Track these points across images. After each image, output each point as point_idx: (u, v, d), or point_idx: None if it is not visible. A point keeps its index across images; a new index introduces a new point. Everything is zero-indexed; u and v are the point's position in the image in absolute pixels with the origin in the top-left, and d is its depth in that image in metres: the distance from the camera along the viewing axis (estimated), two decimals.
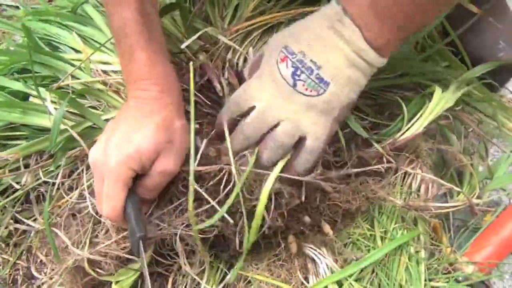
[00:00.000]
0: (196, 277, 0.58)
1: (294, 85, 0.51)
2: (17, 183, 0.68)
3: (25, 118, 0.66)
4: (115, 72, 0.65)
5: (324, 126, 0.53)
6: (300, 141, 0.53)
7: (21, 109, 0.65)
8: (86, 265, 0.56)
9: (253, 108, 0.53)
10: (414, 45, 0.74)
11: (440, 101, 0.64)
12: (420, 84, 0.71)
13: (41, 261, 0.69)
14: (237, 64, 0.66)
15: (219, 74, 0.62)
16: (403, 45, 0.70)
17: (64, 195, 0.63)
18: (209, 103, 0.61)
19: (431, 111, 0.63)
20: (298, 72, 0.51)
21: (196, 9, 0.69)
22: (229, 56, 0.66)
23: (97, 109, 0.65)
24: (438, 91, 0.65)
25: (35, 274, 0.68)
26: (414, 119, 0.64)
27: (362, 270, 0.60)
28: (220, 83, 0.61)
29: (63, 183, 0.65)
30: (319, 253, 0.59)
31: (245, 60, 0.65)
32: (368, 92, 0.69)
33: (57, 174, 0.65)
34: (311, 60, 0.50)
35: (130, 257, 0.56)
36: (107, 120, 0.63)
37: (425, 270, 0.62)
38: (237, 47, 0.64)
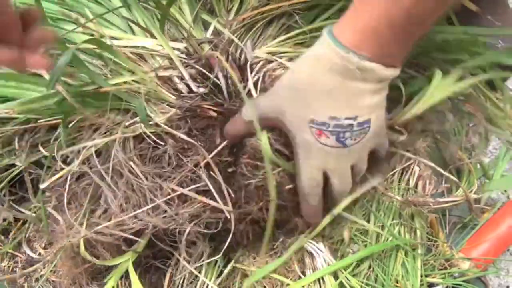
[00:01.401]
0: (194, 271, 0.58)
1: (345, 145, 0.49)
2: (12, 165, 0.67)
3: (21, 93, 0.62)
4: None
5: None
6: None
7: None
8: (82, 247, 0.55)
9: None
10: None
11: (440, 86, 0.58)
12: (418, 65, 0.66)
13: (39, 253, 0.70)
14: (239, 58, 0.65)
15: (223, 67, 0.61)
16: None
17: (64, 166, 0.60)
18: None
19: (431, 95, 0.58)
20: (341, 135, 0.49)
21: (202, 1, 0.68)
22: (231, 49, 0.65)
23: None
24: (438, 75, 0.59)
25: (33, 258, 0.68)
26: (413, 101, 0.59)
27: (359, 265, 0.61)
28: (225, 76, 0.61)
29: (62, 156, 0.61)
30: (317, 247, 0.59)
31: (241, 52, 0.64)
32: None
33: (55, 148, 0.61)
34: (345, 118, 0.48)
35: (130, 236, 0.55)
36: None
37: (421, 265, 0.62)
38: (238, 42, 0.64)
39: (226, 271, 0.61)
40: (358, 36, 0.45)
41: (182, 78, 0.60)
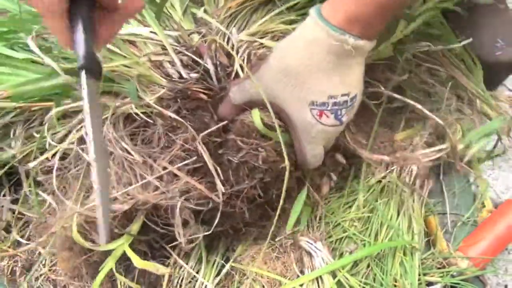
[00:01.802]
0: (191, 271, 0.59)
1: (341, 122, 0.54)
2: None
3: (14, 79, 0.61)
4: None
5: None
6: None
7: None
8: (74, 228, 0.55)
9: None
10: None
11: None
12: None
13: (39, 253, 0.70)
14: (226, 44, 0.63)
15: (212, 55, 0.62)
16: None
17: (55, 144, 0.61)
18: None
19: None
20: (339, 112, 0.53)
21: None
22: (219, 37, 0.65)
23: None
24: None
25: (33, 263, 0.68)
26: None
27: (357, 265, 0.61)
28: (215, 64, 0.62)
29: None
30: (315, 246, 0.60)
31: (228, 40, 0.64)
32: None
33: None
34: (341, 95, 0.52)
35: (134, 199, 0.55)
36: None
37: (420, 264, 0.62)
38: (224, 30, 0.64)
39: (224, 270, 0.61)
40: (350, 18, 0.48)
41: (173, 64, 0.62)
